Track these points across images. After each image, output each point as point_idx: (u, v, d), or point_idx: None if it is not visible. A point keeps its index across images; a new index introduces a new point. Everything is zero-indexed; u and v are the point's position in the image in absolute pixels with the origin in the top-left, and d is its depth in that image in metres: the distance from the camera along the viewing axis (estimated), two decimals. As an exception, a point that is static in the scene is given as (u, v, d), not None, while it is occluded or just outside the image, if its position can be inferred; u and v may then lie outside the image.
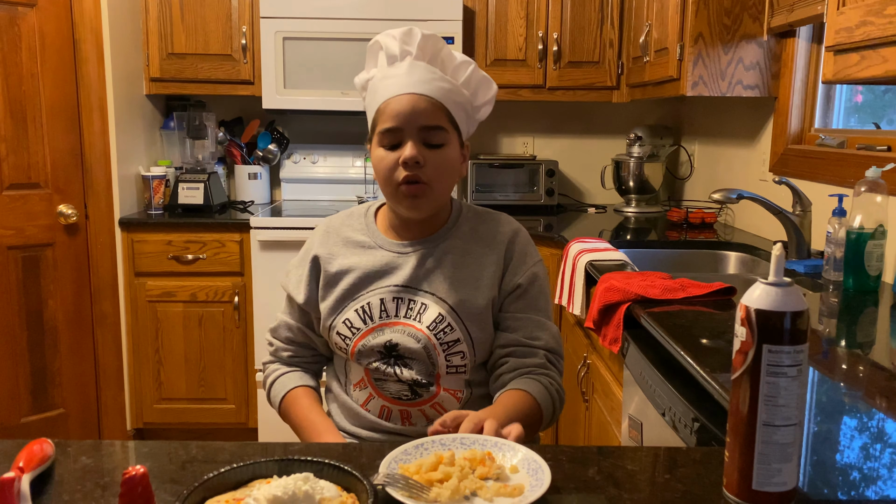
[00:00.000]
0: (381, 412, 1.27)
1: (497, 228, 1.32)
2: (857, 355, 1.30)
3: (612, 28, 3.09)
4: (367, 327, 1.25)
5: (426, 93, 1.21)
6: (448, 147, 1.23)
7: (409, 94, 1.20)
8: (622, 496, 0.81)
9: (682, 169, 3.37)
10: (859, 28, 1.27)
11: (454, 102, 1.24)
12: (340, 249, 1.31)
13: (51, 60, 2.73)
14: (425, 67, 1.24)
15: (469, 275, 1.27)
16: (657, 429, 1.39)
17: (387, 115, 1.21)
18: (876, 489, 0.82)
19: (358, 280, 1.28)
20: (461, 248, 1.29)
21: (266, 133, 3.33)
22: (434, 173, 1.21)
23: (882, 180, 1.70)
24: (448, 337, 1.24)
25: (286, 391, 1.31)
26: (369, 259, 1.29)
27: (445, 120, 1.22)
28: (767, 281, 0.75)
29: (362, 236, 1.32)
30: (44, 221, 2.77)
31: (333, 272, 1.29)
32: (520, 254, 1.31)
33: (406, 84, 1.21)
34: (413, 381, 1.25)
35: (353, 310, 1.27)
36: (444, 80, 1.24)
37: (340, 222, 1.35)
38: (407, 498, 0.78)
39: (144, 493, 0.77)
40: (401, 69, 1.23)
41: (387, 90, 1.22)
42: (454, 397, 1.27)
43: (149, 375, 2.99)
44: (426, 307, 1.25)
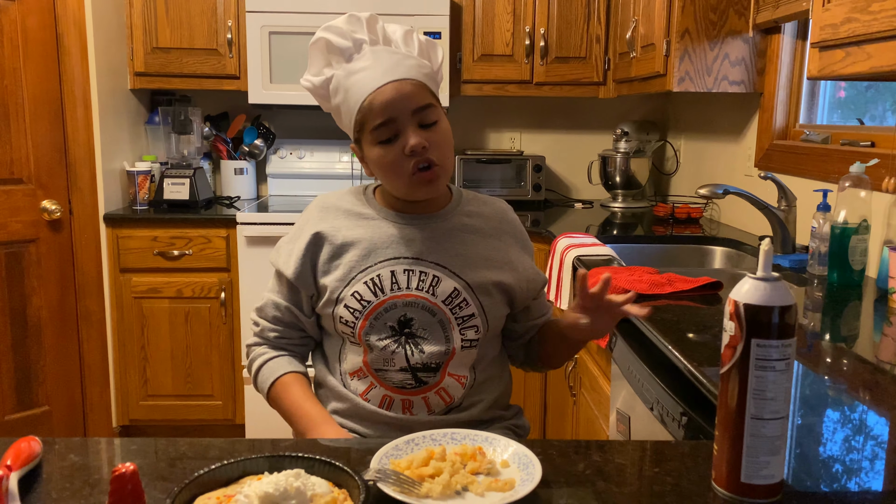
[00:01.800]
0: (382, 401, 1.24)
1: (504, 215, 1.33)
2: (841, 349, 1.32)
3: (598, 24, 3.10)
4: (378, 300, 1.21)
5: (404, 76, 1.18)
6: (441, 121, 1.21)
7: (391, 83, 1.16)
8: (611, 490, 0.82)
9: (669, 164, 3.39)
10: (844, 25, 1.28)
11: (425, 76, 1.21)
12: (343, 222, 1.26)
13: (33, 54, 2.70)
14: (387, 51, 1.21)
15: (480, 253, 1.26)
16: (645, 423, 1.40)
17: (375, 110, 1.17)
18: (859, 481, 0.83)
19: (365, 251, 1.23)
20: (470, 226, 1.28)
21: (252, 128, 3.31)
22: (439, 152, 1.19)
23: (866, 175, 1.72)
24: (463, 311, 1.22)
25: (275, 377, 1.26)
26: (375, 230, 1.25)
27: (430, 96, 1.20)
28: (756, 276, 0.76)
29: (365, 209, 1.28)
30: (27, 217, 2.75)
31: (339, 244, 1.24)
32: (531, 249, 1.36)
33: (381, 73, 1.17)
34: (422, 365, 1.22)
35: (361, 282, 1.21)
36: (408, 56, 1.21)
37: (337, 198, 1.31)
38: (398, 493, 0.78)
39: (134, 490, 0.76)
40: (365, 60, 1.19)
41: (363, 86, 1.18)
42: (459, 383, 1.25)
43: (135, 372, 2.97)
44: (439, 280, 1.22)
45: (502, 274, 1.27)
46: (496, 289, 1.25)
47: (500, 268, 1.27)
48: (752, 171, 2.52)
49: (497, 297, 1.26)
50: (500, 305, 1.27)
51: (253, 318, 1.34)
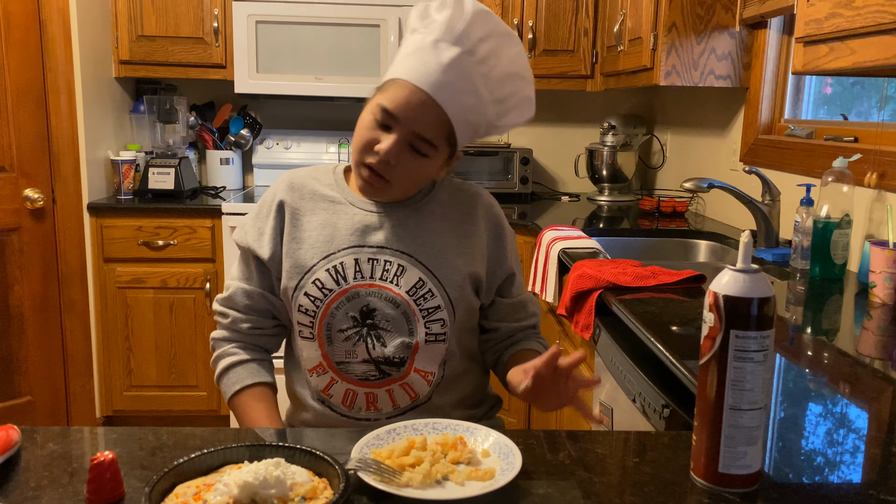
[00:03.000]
0: (345, 396, 1.19)
1: (478, 201, 1.26)
2: (822, 342, 1.33)
3: (586, 17, 3.10)
4: (340, 288, 1.16)
5: (442, 102, 1.10)
6: (430, 160, 1.15)
7: (424, 96, 1.09)
8: (592, 480, 0.82)
9: (655, 158, 3.40)
10: (828, 20, 1.29)
11: (466, 122, 1.14)
12: (308, 204, 1.21)
13: (16, 41, 2.66)
14: (465, 71, 1.11)
15: (450, 241, 1.20)
16: (627, 414, 1.41)
17: (394, 93, 1.10)
18: (839, 473, 0.84)
19: (328, 237, 1.18)
20: (441, 213, 1.22)
21: (238, 118, 3.29)
22: (402, 177, 1.14)
23: (848, 170, 1.73)
24: (428, 303, 1.16)
25: (241, 387, 1.21)
26: (341, 216, 1.19)
27: (443, 138, 1.13)
28: (735, 267, 0.76)
29: (332, 192, 1.22)
30: (9, 206, 2.72)
31: (302, 227, 1.19)
32: (509, 239, 1.27)
33: (432, 81, 1.09)
34: (384, 358, 1.17)
35: (323, 269, 1.16)
36: (474, 94, 1.12)
37: (306, 175, 1.25)
38: (379, 482, 0.78)
39: (113, 479, 0.76)
40: (443, 57, 1.10)
41: (414, 68, 1.10)
42: (424, 379, 1.20)
43: (118, 363, 2.96)
44: (404, 269, 1.17)
45: (473, 264, 1.21)
46: (465, 280, 1.20)
47: (471, 257, 1.21)
48: (737, 166, 2.53)
49: (466, 288, 1.20)
50: (470, 297, 1.21)
51: (219, 310, 1.26)
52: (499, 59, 1.14)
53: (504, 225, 1.28)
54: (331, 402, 1.21)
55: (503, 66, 1.14)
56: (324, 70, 2.97)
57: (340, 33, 2.94)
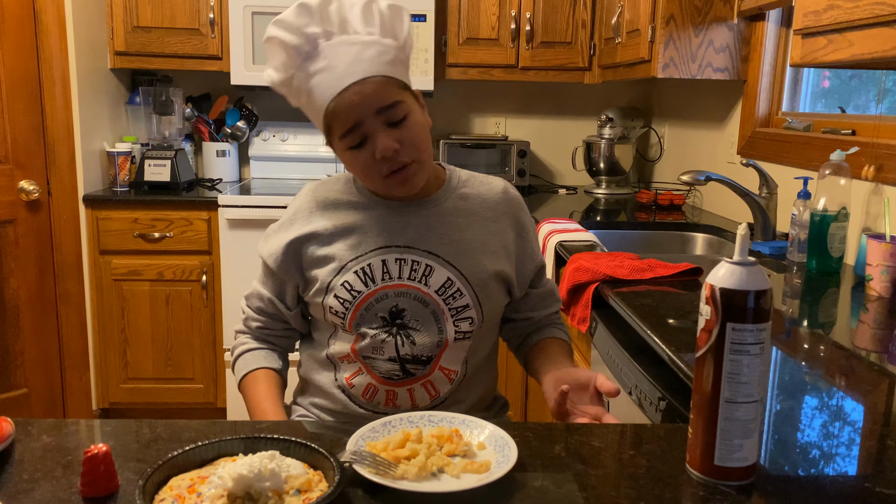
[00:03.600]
0: (366, 390, 1.20)
1: (501, 195, 1.26)
2: (819, 335, 1.33)
3: (584, 9, 3.08)
4: (369, 289, 1.16)
5: (365, 74, 1.07)
6: (412, 114, 1.12)
7: (351, 86, 1.07)
8: (588, 472, 0.82)
9: (652, 151, 3.40)
10: (827, 12, 1.28)
11: (389, 63, 1.10)
12: (332, 212, 1.21)
13: (10, 32, 2.64)
14: (344, 42, 1.08)
15: (475, 238, 1.21)
16: (624, 407, 1.41)
17: (339, 117, 1.08)
18: (835, 466, 0.84)
19: (356, 241, 1.18)
20: (464, 209, 1.22)
21: (235, 110, 3.28)
22: (413, 149, 1.12)
23: (846, 164, 1.73)
24: (457, 302, 1.17)
25: (248, 371, 1.25)
26: (365, 219, 1.20)
27: (397, 89, 1.10)
28: (732, 260, 0.76)
29: (353, 197, 1.22)
30: (4, 198, 2.71)
31: (328, 235, 1.20)
32: (532, 230, 1.28)
33: (340, 75, 1.07)
34: (412, 356, 1.18)
35: (352, 271, 1.17)
36: (368, 45, 1.08)
37: (326, 188, 1.25)
38: (374, 475, 0.78)
39: (107, 471, 0.76)
40: (322, 60, 1.08)
41: (323, 91, 1.08)
42: (447, 377, 1.21)
43: (115, 355, 2.95)
44: (432, 269, 1.17)
45: (499, 262, 1.22)
46: (492, 278, 1.20)
47: (497, 254, 1.22)
48: (734, 159, 2.53)
49: (494, 286, 1.21)
50: (498, 295, 1.23)
51: (242, 306, 1.32)
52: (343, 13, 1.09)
53: (525, 218, 1.29)
54: (351, 391, 1.22)
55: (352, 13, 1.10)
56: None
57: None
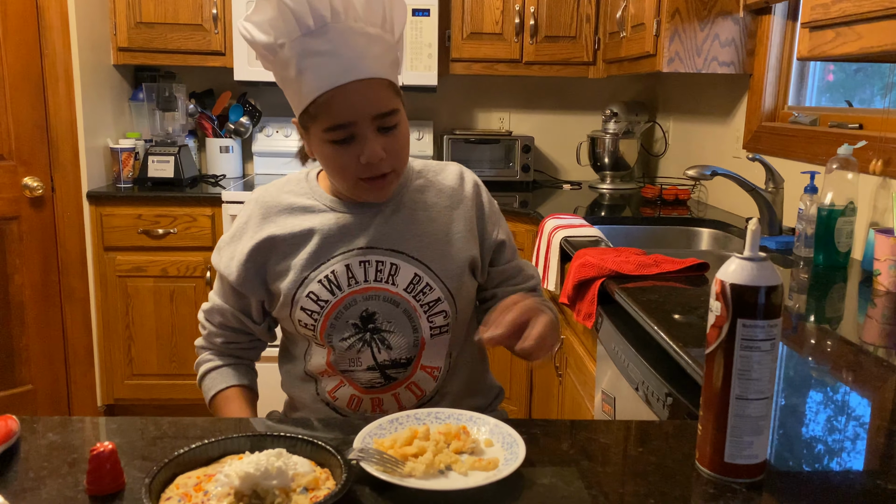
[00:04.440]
0: (350, 401, 1.18)
1: (455, 181, 1.21)
2: (826, 330, 1.32)
3: (589, 3, 3.07)
4: (336, 297, 1.12)
5: (371, 74, 1.02)
6: (401, 124, 1.08)
7: (356, 83, 1.01)
8: (595, 469, 0.81)
9: (657, 145, 3.39)
10: (835, 4, 1.27)
11: (390, 64, 1.06)
12: (286, 219, 1.15)
13: (13, 28, 2.64)
14: (351, 31, 1.01)
15: (437, 229, 1.17)
16: (630, 403, 1.40)
17: (333, 110, 1.02)
18: (845, 462, 0.83)
19: (316, 248, 1.13)
20: (421, 201, 1.17)
21: (238, 105, 3.27)
22: (396, 159, 1.08)
23: (853, 158, 1.71)
24: (428, 297, 1.14)
25: (218, 390, 1.20)
26: (322, 223, 1.14)
27: (395, 96, 1.06)
28: (743, 256, 0.75)
29: (308, 200, 1.17)
30: (8, 194, 2.71)
31: (286, 245, 1.14)
32: (490, 208, 1.23)
33: (346, 67, 1.00)
34: (390, 361, 1.15)
35: (315, 281, 1.12)
36: (371, 39, 1.03)
37: (277, 190, 1.19)
38: (381, 473, 0.77)
39: (113, 469, 0.75)
40: (327, 42, 1.00)
41: (323, 78, 1.01)
42: (430, 376, 1.18)
43: (119, 351, 2.95)
44: (398, 268, 1.13)
45: (466, 247, 1.17)
46: (461, 266, 1.16)
47: (464, 239, 1.17)
48: (740, 153, 2.51)
49: (464, 275, 1.17)
50: (469, 283, 1.18)
51: (200, 319, 1.25)
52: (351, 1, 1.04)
53: (483, 198, 1.23)
54: (335, 404, 1.20)
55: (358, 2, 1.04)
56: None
57: None
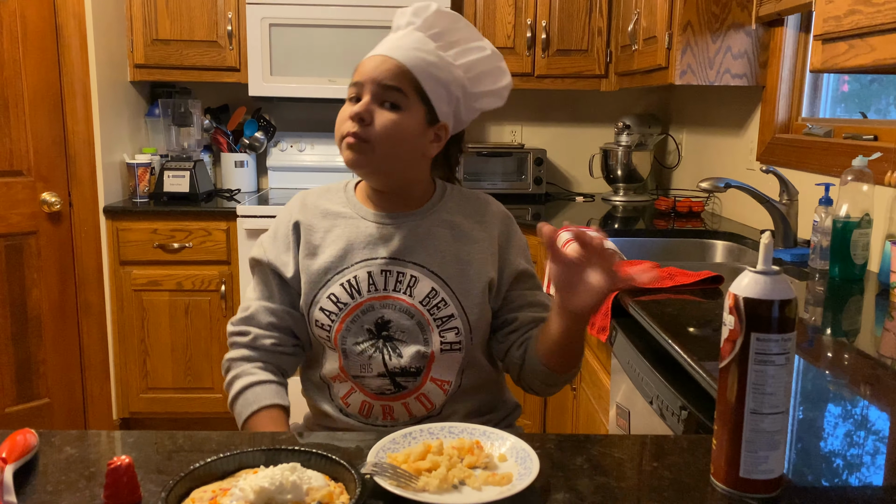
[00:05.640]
0: (361, 407, 1.21)
1: (487, 208, 1.27)
2: (843, 343, 1.31)
3: (600, 16, 3.08)
4: (355, 302, 1.17)
5: (397, 57, 1.16)
6: (405, 113, 1.15)
7: (380, 56, 1.17)
8: (610, 484, 0.81)
9: (670, 158, 3.38)
10: (848, 17, 1.27)
11: (431, 75, 1.17)
12: (321, 222, 1.23)
13: (33, 46, 2.69)
14: (416, 37, 1.19)
15: (461, 249, 1.21)
16: (645, 417, 1.40)
17: (356, 69, 1.19)
18: (859, 476, 0.83)
19: (342, 252, 1.19)
20: (450, 222, 1.23)
21: (252, 120, 3.30)
22: (379, 133, 1.14)
23: (868, 169, 1.70)
24: (442, 312, 1.17)
25: (258, 408, 1.16)
26: (353, 230, 1.21)
27: (409, 86, 1.15)
28: (756, 269, 0.75)
29: (343, 208, 1.24)
30: (27, 209, 2.74)
31: (315, 244, 1.21)
32: (518, 239, 1.27)
33: (384, 48, 1.18)
34: (400, 369, 1.17)
35: (338, 284, 1.17)
36: (431, 52, 1.18)
37: (317, 195, 1.28)
38: (395, 487, 0.77)
39: (129, 483, 0.76)
40: (397, 34, 1.21)
41: (372, 51, 1.20)
42: (440, 388, 1.20)
43: (135, 365, 2.97)
44: (416, 280, 1.17)
45: (485, 270, 1.21)
46: (478, 287, 1.20)
47: (483, 263, 1.21)
48: (754, 165, 2.50)
49: (480, 295, 1.20)
50: (484, 304, 1.21)
51: (237, 330, 1.24)
52: (453, 30, 1.22)
53: (513, 228, 1.28)
54: (348, 410, 1.22)
55: (459, 35, 1.22)
56: (337, 72, 2.97)
57: (353, 35, 2.95)
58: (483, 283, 1.20)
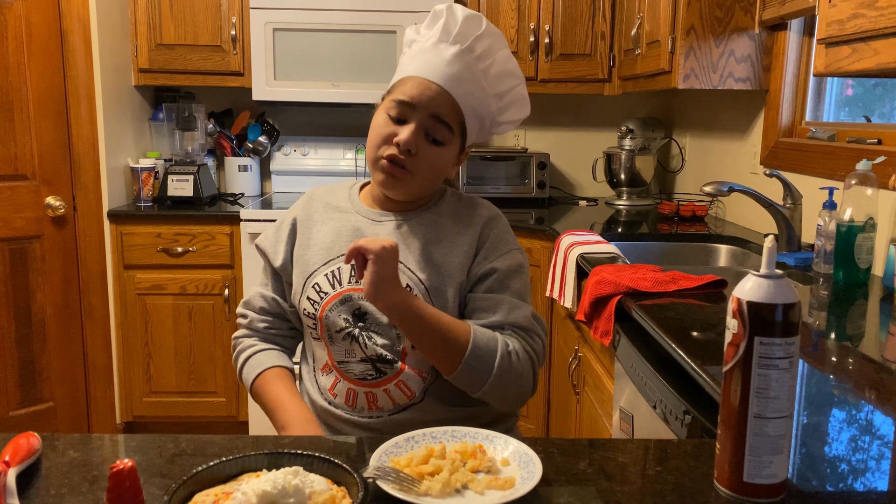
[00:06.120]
0: (347, 396, 1.24)
1: (475, 211, 1.29)
2: (847, 348, 1.31)
3: (603, 20, 3.08)
4: (335, 291, 1.23)
5: (454, 93, 1.19)
6: (446, 147, 1.22)
7: (437, 86, 1.18)
8: (613, 488, 0.81)
9: (674, 162, 3.38)
10: (851, 21, 1.27)
11: (473, 111, 1.22)
12: (319, 214, 1.31)
13: (38, 51, 2.70)
14: (467, 66, 1.21)
15: (436, 251, 1.24)
16: (648, 421, 1.39)
17: (406, 88, 1.19)
18: (864, 481, 0.82)
19: (330, 244, 1.26)
20: (436, 222, 1.27)
21: (256, 125, 3.31)
22: (422, 166, 1.20)
23: (872, 173, 1.70)
24: None
25: (262, 370, 1.28)
26: (343, 223, 1.28)
27: (456, 122, 1.21)
28: (759, 273, 0.75)
29: (343, 203, 1.31)
30: (31, 213, 2.75)
31: (311, 235, 1.28)
32: (495, 239, 1.26)
33: (440, 73, 1.19)
34: (377, 356, 1.21)
35: (322, 274, 1.24)
36: (477, 84, 1.22)
37: (326, 190, 1.36)
38: (397, 491, 0.77)
39: (132, 487, 0.76)
40: (445, 54, 1.20)
41: (421, 66, 1.20)
42: (419, 376, 1.22)
43: (138, 369, 2.98)
44: None
45: (458, 273, 1.23)
46: (449, 289, 1.21)
47: (459, 266, 1.23)
48: (757, 169, 2.50)
49: (450, 298, 1.21)
50: (452, 305, 1.21)
51: (240, 311, 1.36)
52: (494, 56, 1.24)
53: (496, 231, 1.27)
54: (335, 401, 1.26)
55: (499, 64, 1.24)
56: (341, 77, 2.98)
57: (357, 40, 2.95)
58: (453, 286, 1.23)
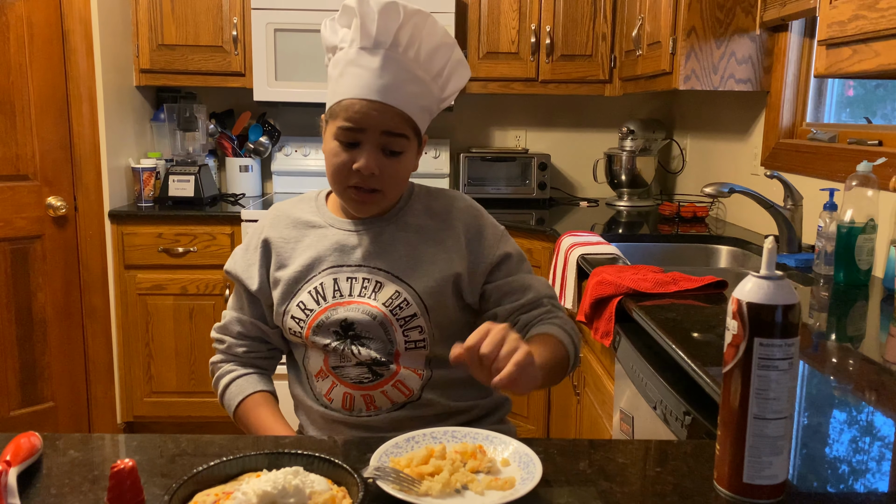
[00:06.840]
0: (343, 400, 1.23)
1: (452, 203, 1.28)
2: (847, 349, 1.31)
3: (604, 21, 3.08)
4: (320, 307, 1.21)
5: (394, 103, 1.15)
6: (406, 153, 1.19)
7: (379, 103, 1.14)
8: (613, 489, 0.81)
9: (674, 163, 3.38)
10: (852, 22, 1.27)
11: (420, 108, 1.19)
12: (291, 232, 1.27)
13: (39, 51, 2.70)
14: (399, 65, 1.15)
15: (424, 252, 1.23)
16: (648, 422, 1.39)
17: (350, 113, 1.15)
18: (865, 482, 0.82)
19: (310, 261, 1.23)
20: (415, 224, 1.25)
21: (257, 125, 3.31)
22: (388, 181, 1.18)
23: (873, 174, 1.70)
24: (404, 312, 1.20)
25: (244, 396, 1.26)
26: (320, 239, 1.25)
27: (408, 127, 1.18)
28: (759, 274, 0.75)
29: (314, 217, 1.28)
30: (32, 213, 2.75)
31: (286, 256, 1.25)
32: (490, 227, 1.28)
33: (376, 88, 1.14)
34: (372, 360, 1.20)
35: (306, 292, 1.22)
36: (415, 80, 1.17)
37: (290, 206, 1.32)
38: (398, 491, 0.77)
39: (133, 486, 0.76)
40: (373, 64, 1.14)
41: (354, 85, 1.15)
42: (416, 374, 1.22)
43: (139, 369, 2.98)
44: (381, 285, 1.21)
45: (449, 267, 1.22)
46: (442, 284, 1.21)
47: (449, 261, 1.22)
48: (758, 170, 2.50)
49: (444, 294, 1.21)
50: (449, 302, 1.23)
51: (216, 336, 1.33)
52: (420, 38, 1.17)
53: (481, 221, 1.28)
54: (332, 405, 1.25)
55: (427, 42, 1.18)
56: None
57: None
58: (447, 282, 1.22)
